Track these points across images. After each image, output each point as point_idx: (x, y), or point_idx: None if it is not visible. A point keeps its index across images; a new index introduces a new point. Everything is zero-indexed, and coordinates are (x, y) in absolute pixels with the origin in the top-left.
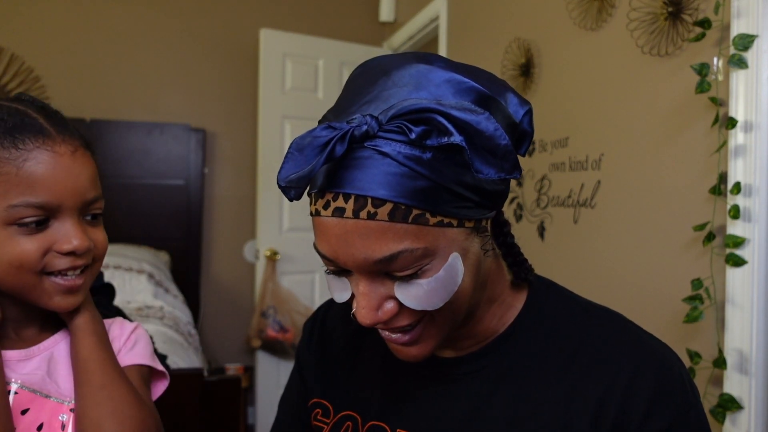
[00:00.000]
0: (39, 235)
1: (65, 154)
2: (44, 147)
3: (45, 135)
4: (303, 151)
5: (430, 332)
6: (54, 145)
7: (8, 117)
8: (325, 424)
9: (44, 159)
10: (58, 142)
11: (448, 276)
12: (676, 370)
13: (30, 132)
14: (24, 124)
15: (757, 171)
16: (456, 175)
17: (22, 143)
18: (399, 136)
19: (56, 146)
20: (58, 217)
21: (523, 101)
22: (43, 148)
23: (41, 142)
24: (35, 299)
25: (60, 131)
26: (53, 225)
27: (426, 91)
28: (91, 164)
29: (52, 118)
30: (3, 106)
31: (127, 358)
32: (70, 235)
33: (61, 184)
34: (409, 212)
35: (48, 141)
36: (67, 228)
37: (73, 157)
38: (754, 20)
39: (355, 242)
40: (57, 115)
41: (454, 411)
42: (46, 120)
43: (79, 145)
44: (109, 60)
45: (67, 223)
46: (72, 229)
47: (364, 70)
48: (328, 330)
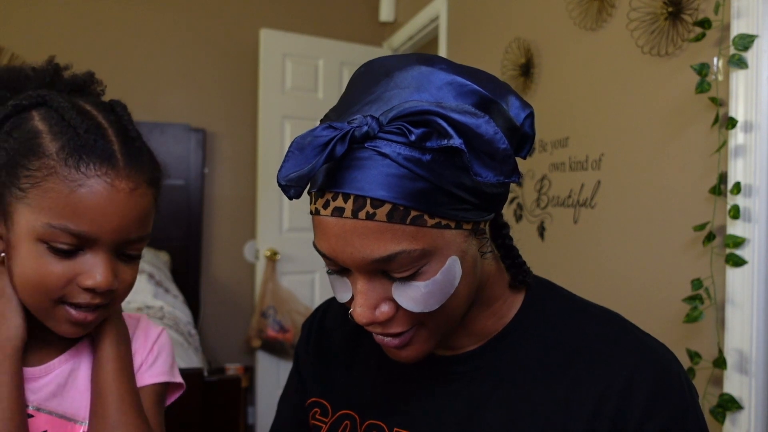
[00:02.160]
0: (67, 261)
1: (123, 190)
2: (105, 178)
3: (111, 165)
4: (303, 150)
5: (422, 336)
6: (116, 178)
7: (85, 133)
8: (323, 424)
9: (99, 190)
10: (121, 176)
11: (445, 279)
12: (674, 371)
13: (98, 157)
14: (96, 146)
15: (757, 171)
16: (455, 178)
17: (85, 166)
18: (399, 137)
19: (117, 180)
20: (91, 248)
21: (525, 104)
22: (104, 178)
23: (104, 171)
24: (42, 319)
25: (129, 163)
26: (84, 255)
27: (427, 93)
28: (147, 203)
29: (128, 144)
30: (87, 116)
31: (147, 376)
32: (96, 270)
33: (106, 219)
34: (407, 213)
35: (111, 172)
36: (95, 262)
37: (131, 195)
38: (754, 20)
39: (354, 242)
40: (135, 142)
41: (452, 410)
42: (121, 147)
43: (143, 182)
44: (108, 60)
45: (98, 257)
46: (101, 264)
47: (366, 70)
48: (326, 330)
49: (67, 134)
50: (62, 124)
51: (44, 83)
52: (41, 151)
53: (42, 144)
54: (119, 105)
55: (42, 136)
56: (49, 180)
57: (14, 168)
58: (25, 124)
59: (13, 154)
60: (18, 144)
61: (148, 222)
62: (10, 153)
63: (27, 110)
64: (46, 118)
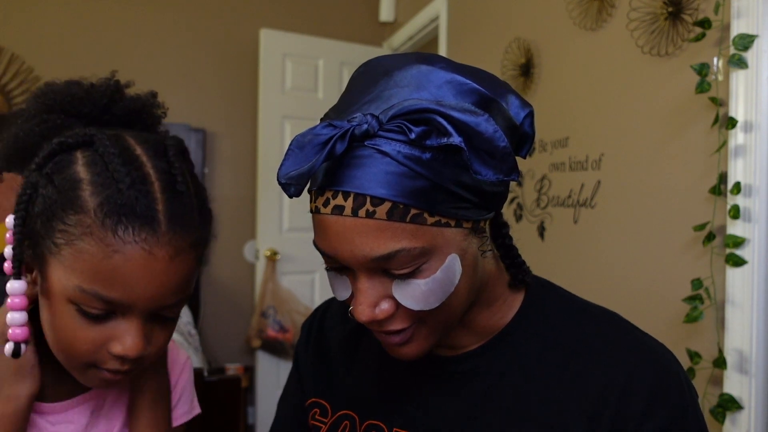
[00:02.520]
0: (97, 326)
1: (163, 258)
2: (143, 245)
3: (152, 230)
4: (303, 148)
5: (422, 333)
6: (155, 246)
7: (128, 189)
8: (323, 424)
9: (136, 258)
10: (162, 242)
11: (445, 277)
12: (674, 371)
13: (138, 221)
14: (137, 205)
15: (757, 171)
16: (455, 176)
17: (123, 230)
18: (399, 135)
19: (157, 247)
20: (124, 314)
21: (525, 103)
22: (141, 245)
23: (142, 237)
24: (73, 374)
25: (173, 226)
26: (116, 319)
27: (427, 92)
28: (189, 268)
29: (175, 202)
30: (135, 164)
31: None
32: (127, 338)
33: (141, 288)
34: (407, 211)
35: (151, 239)
36: (127, 328)
37: (171, 263)
38: (754, 20)
39: (354, 240)
40: (183, 197)
41: (452, 410)
42: (165, 206)
43: (186, 246)
44: (109, 60)
45: (130, 323)
46: (132, 331)
47: (366, 69)
48: (326, 330)
49: (108, 188)
50: (105, 175)
51: (101, 105)
52: (79, 206)
53: (81, 197)
54: (173, 146)
55: (82, 188)
56: (83, 240)
57: (50, 220)
58: (68, 168)
59: (50, 204)
60: (57, 193)
61: (188, 285)
62: (47, 202)
63: (72, 150)
64: (90, 163)
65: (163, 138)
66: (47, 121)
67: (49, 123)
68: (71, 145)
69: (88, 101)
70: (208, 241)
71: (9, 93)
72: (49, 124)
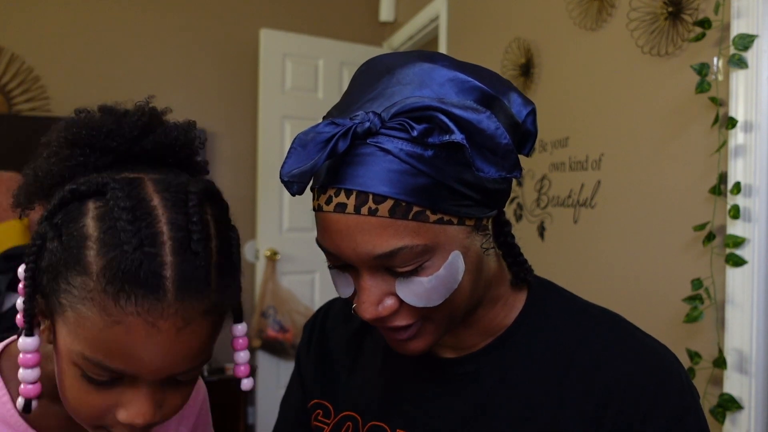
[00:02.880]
0: (104, 392)
1: (168, 331)
2: (146, 316)
3: (156, 300)
4: (306, 146)
5: (428, 329)
6: (160, 318)
7: (133, 251)
8: (325, 425)
9: (137, 330)
10: (168, 314)
11: (448, 274)
12: (675, 372)
13: (141, 289)
14: (141, 272)
15: (757, 171)
16: (457, 173)
17: (125, 299)
18: (401, 133)
19: (162, 320)
20: (132, 382)
21: (527, 101)
22: (144, 317)
23: (145, 309)
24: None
25: (181, 294)
26: (122, 386)
27: (429, 90)
28: (202, 336)
29: (187, 264)
30: (147, 221)
31: None
32: (134, 406)
33: (146, 360)
34: (409, 209)
35: (155, 311)
36: (134, 396)
37: (178, 335)
38: (754, 20)
39: (356, 238)
40: (198, 259)
41: (454, 411)
42: (176, 269)
43: (197, 315)
44: (109, 60)
45: (137, 392)
46: (140, 399)
47: (368, 67)
48: (327, 331)
49: (114, 249)
50: (113, 233)
51: (131, 138)
52: (84, 266)
53: (87, 257)
54: (196, 193)
55: (89, 246)
56: (86, 305)
57: (55, 277)
58: (78, 221)
59: (56, 261)
60: (62, 250)
61: (203, 352)
62: (53, 258)
63: (84, 198)
64: (100, 218)
65: (186, 182)
66: (69, 158)
67: (71, 161)
68: (84, 194)
69: (118, 134)
70: (229, 304)
71: (9, 93)
72: (71, 162)
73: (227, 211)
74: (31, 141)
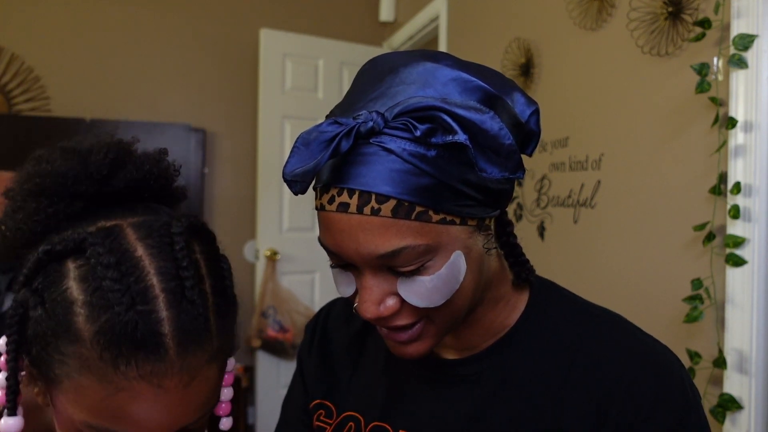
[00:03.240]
0: None
1: (176, 389)
2: (150, 378)
3: (159, 359)
4: (309, 145)
5: (429, 331)
6: (165, 377)
7: (125, 311)
8: (327, 425)
9: (143, 395)
10: (172, 372)
11: (450, 274)
12: (677, 373)
13: (141, 351)
14: (138, 334)
15: (757, 171)
16: (460, 174)
17: (125, 365)
18: (404, 133)
19: (167, 379)
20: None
21: (530, 101)
22: (148, 380)
23: (148, 371)
24: None
25: (184, 348)
26: None
27: (432, 89)
28: (209, 384)
29: (184, 315)
30: (135, 275)
31: None
32: None
33: (154, 422)
34: (412, 209)
35: (159, 370)
36: None
37: (185, 390)
38: (754, 20)
39: (359, 237)
40: (196, 306)
41: (457, 413)
42: (174, 323)
43: (202, 364)
44: (109, 60)
45: None
46: None
47: (371, 66)
48: (329, 331)
49: (105, 312)
50: (100, 294)
51: (100, 178)
52: (74, 334)
53: (76, 323)
54: (180, 234)
55: (76, 311)
56: (83, 374)
57: (45, 348)
58: (59, 284)
59: (43, 330)
60: (48, 318)
61: (210, 399)
62: (39, 327)
63: (62, 258)
64: (83, 278)
65: (169, 223)
66: (36, 212)
67: (39, 214)
68: (61, 253)
69: (85, 176)
70: (231, 345)
71: (9, 93)
72: (39, 216)
73: (215, 240)
74: (31, 141)
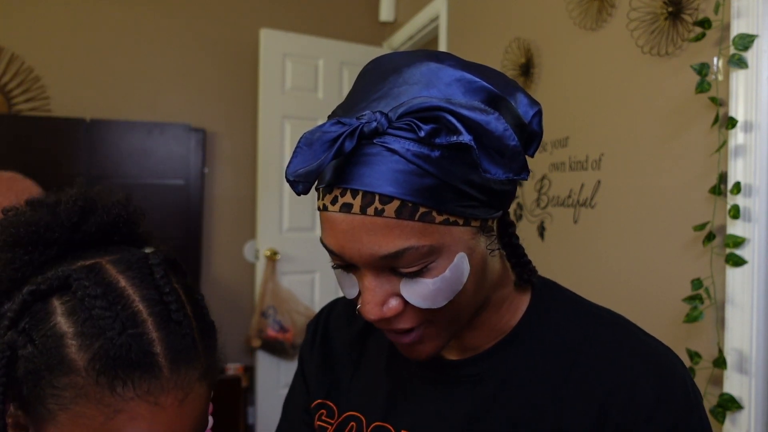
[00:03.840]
0: None
1: (172, 405)
2: (147, 397)
3: (154, 377)
4: (312, 146)
5: (432, 333)
6: (161, 394)
7: (117, 337)
8: (329, 425)
9: (141, 414)
10: (167, 388)
11: (453, 276)
12: (679, 374)
13: (136, 371)
14: (132, 355)
15: (757, 171)
16: (464, 174)
17: (122, 386)
18: (408, 133)
19: (163, 396)
20: None
21: (533, 102)
22: (145, 398)
23: (145, 390)
24: None
25: (176, 367)
26: None
27: (436, 90)
28: (201, 403)
29: (173, 337)
30: (121, 302)
31: None
32: None
33: None
34: (416, 210)
35: (155, 388)
36: None
37: (181, 407)
38: (754, 20)
39: (362, 238)
40: (182, 327)
41: (459, 413)
42: (164, 346)
43: (194, 382)
44: (109, 60)
45: None
46: None
47: (374, 66)
48: (331, 331)
49: (98, 340)
50: (90, 324)
51: (71, 225)
52: (68, 365)
53: (68, 355)
54: (159, 265)
55: (67, 344)
56: (78, 402)
57: (37, 385)
58: (47, 321)
59: (34, 367)
60: (39, 353)
61: (204, 420)
62: (30, 364)
63: (47, 297)
64: (71, 312)
65: (146, 257)
66: (12, 260)
67: (15, 262)
68: (45, 292)
69: (56, 224)
70: (217, 366)
71: (9, 93)
72: (16, 264)
73: (187, 275)
74: (31, 141)
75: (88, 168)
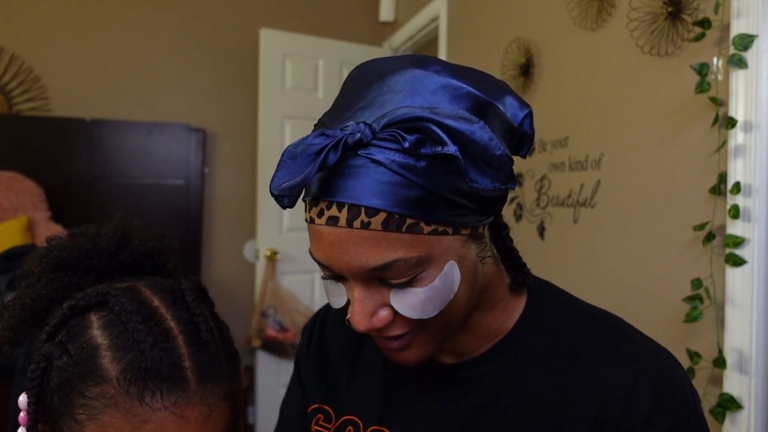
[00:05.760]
0: None
1: (197, 420)
2: (173, 409)
3: (181, 391)
4: (296, 159)
5: (422, 338)
6: (187, 407)
7: (149, 349)
8: (326, 429)
9: (167, 425)
10: (193, 402)
11: (444, 284)
12: (677, 376)
13: (165, 383)
14: (163, 368)
15: (757, 171)
16: (451, 184)
17: (150, 396)
18: (392, 144)
19: (189, 409)
20: None
21: (523, 104)
22: (172, 410)
23: (172, 401)
24: None
25: (202, 383)
26: None
27: (421, 98)
28: (224, 423)
29: (201, 354)
30: (155, 319)
31: None
32: None
33: None
34: (402, 221)
35: (181, 401)
36: None
37: (204, 423)
38: (754, 20)
39: (349, 250)
40: (210, 347)
41: (455, 417)
42: (193, 362)
43: (219, 400)
44: (109, 60)
45: None
46: None
47: (360, 73)
48: (327, 334)
49: (130, 351)
50: (125, 337)
51: (109, 254)
52: (100, 375)
53: (101, 365)
54: (191, 291)
55: (101, 355)
56: (107, 412)
57: (69, 394)
58: (83, 334)
59: (68, 377)
60: (74, 364)
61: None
62: (64, 374)
63: (85, 313)
64: (106, 326)
65: (179, 283)
66: (54, 281)
67: (56, 283)
68: (84, 308)
69: (95, 252)
70: (240, 389)
71: (9, 93)
72: (57, 285)
73: (214, 305)
74: (31, 141)
75: (88, 168)
